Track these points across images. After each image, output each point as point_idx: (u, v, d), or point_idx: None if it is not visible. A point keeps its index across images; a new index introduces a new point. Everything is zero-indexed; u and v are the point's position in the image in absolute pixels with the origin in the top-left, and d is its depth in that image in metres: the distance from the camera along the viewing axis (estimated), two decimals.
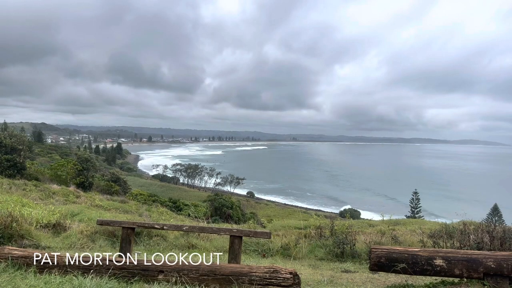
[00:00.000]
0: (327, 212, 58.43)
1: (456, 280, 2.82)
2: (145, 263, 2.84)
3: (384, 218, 12.84)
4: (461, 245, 4.31)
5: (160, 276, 2.75)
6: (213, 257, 5.19)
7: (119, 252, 4.04)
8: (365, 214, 49.21)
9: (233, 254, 3.73)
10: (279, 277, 2.59)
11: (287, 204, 70.35)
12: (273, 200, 75.42)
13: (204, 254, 5.46)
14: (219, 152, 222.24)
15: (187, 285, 2.65)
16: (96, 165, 32.53)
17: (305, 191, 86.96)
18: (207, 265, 2.79)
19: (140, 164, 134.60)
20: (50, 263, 2.91)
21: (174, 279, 2.71)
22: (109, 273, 2.77)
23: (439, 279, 2.98)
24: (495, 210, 40.54)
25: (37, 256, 2.97)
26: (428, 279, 3.13)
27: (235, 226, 8.16)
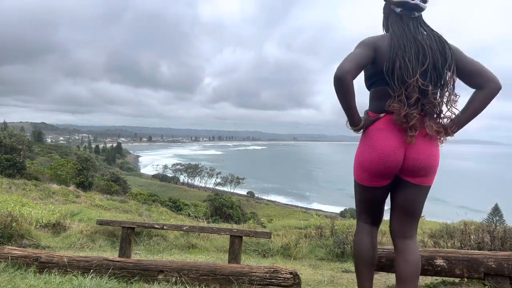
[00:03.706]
0: (327, 212, 58.65)
1: (457, 280, 2.81)
2: (145, 263, 2.83)
3: (385, 218, 12.80)
4: (462, 245, 4.31)
5: (160, 276, 2.74)
6: (213, 257, 5.19)
7: (119, 252, 4.03)
8: None
9: (233, 254, 3.72)
10: (279, 277, 2.58)
11: (288, 204, 70.36)
12: (274, 199, 75.42)
13: (204, 254, 5.46)
14: (219, 151, 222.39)
15: (187, 285, 2.64)
16: (96, 165, 32.53)
17: (305, 191, 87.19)
18: (207, 265, 2.78)
19: (140, 164, 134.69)
20: (50, 263, 2.90)
21: (174, 279, 2.70)
22: (109, 273, 2.75)
23: (439, 279, 2.98)
24: (496, 210, 40.52)
25: (37, 256, 2.97)
26: (428, 279, 3.12)
27: (235, 226, 8.16)
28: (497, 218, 36.49)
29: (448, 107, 1.67)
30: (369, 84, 1.79)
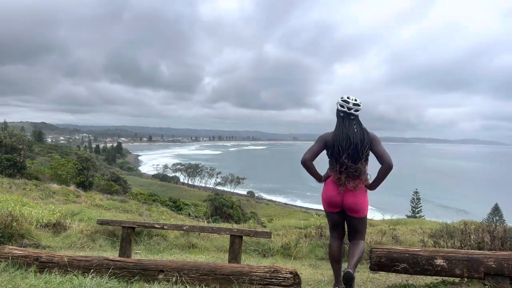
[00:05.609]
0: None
1: (457, 280, 2.82)
2: (145, 263, 2.84)
3: (385, 218, 12.80)
4: (462, 244, 4.31)
5: (160, 276, 2.75)
6: (213, 256, 5.19)
7: (119, 251, 4.04)
8: None
9: (233, 253, 3.73)
10: (279, 276, 2.58)
11: (288, 204, 70.31)
12: (274, 199, 75.33)
13: (204, 253, 5.46)
14: (219, 151, 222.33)
15: (187, 285, 2.64)
16: (96, 165, 32.49)
17: (305, 191, 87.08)
18: (207, 265, 2.78)
19: (140, 164, 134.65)
20: (50, 263, 2.91)
21: (174, 279, 2.70)
22: (109, 273, 2.76)
23: (439, 279, 2.98)
24: (496, 210, 40.49)
25: (38, 256, 2.97)
26: (428, 279, 3.12)
27: (235, 226, 8.16)
28: (497, 218, 36.46)
29: (362, 173, 2.87)
30: (328, 157, 3.05)
